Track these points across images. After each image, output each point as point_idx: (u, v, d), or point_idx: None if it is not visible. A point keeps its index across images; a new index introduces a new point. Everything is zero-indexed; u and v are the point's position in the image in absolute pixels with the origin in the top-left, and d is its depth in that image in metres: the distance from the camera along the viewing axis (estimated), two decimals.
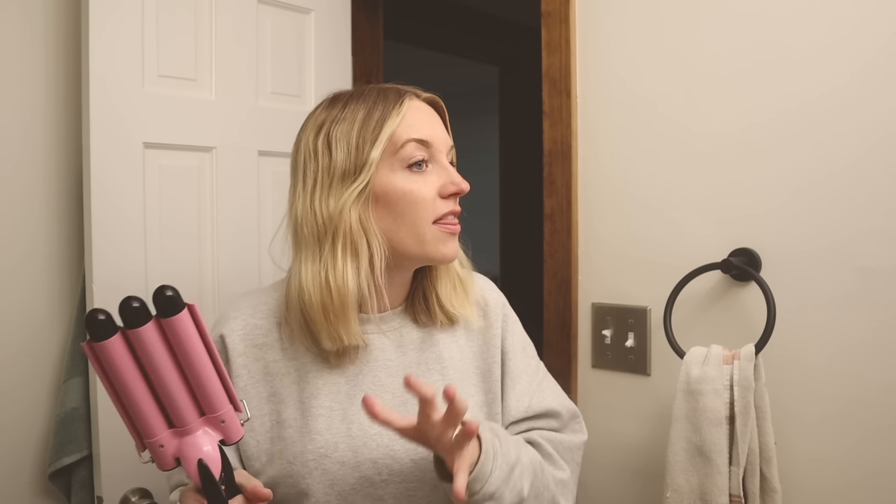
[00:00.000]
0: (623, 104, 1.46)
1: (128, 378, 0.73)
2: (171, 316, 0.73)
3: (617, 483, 1.49)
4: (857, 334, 1.23)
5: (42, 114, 1.40)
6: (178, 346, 0.75)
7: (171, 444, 0.77)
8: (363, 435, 0.93)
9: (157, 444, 0.76)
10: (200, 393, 0.77)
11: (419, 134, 0.93)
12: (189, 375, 0.76)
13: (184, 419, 0.77)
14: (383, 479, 0.93)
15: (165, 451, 0.76)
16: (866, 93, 1.21)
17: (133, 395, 0.74)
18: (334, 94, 0.98)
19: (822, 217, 1.26)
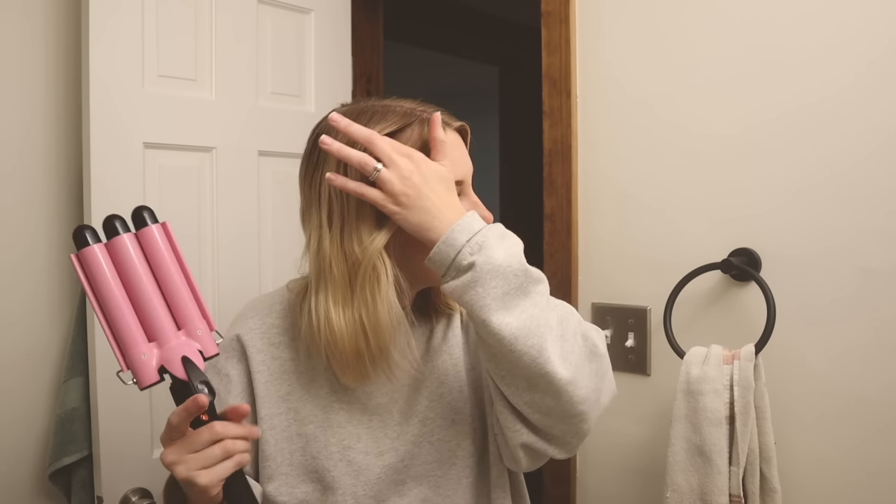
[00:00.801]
0: (623, 104, 1.46)
1: (110, 287, 0.78)
2: (142, 227, 0.82)
3: (617, 483, 1.49)
4: (857, 334, 1.23)
5: (42, 114, 1.40)
6: (151, 259, 0.81)
7: (154, 354, 0.79)
8: (384, 426, 0.95)
9: (139, 354, 0.78)
10: (175, 307, 0.81)
11: (455, 175, 0.89)
12: (164, 289, 0.81)
13: (163, 331, 0.80)
14: (405, 464, 0.94)
15: (148, 362, 0.78)
16: (867, 95, 1.21)
17: (115, 306, 0.78)
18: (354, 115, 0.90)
19: (822, 217, 1.26)
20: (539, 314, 0.80)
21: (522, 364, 0.80)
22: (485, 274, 0.78)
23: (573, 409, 0.84)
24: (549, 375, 0.80)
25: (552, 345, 0.80)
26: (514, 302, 0.79)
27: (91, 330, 1.32)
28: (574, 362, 0.82)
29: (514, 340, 0.79)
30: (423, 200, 0.82)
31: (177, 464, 0.78)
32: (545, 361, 0.80)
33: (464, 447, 0.96)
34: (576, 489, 1.55)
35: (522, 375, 0.82)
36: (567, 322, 0.84)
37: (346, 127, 0.85)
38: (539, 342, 0.79)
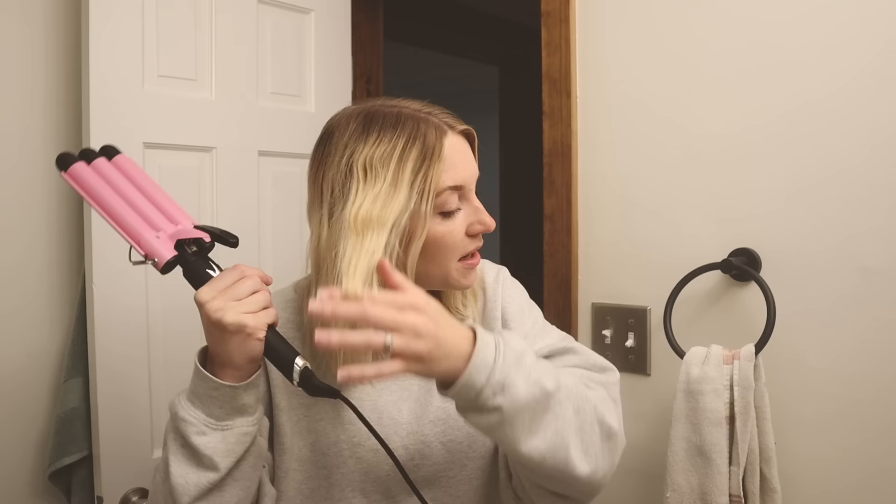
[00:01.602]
0: (623, 104, 1.46)
1: (106, 191, 0.87)
2: (113, 157, 0.91)
3: (616, 483, 1.49)
4: (857, 334, 1.23)
5: (42, 114, 1.40)
6: (131, 178, 0.89)
7: (164, 237, 0.84)
8: (393, 423, 0.95)
9: (152, 236, 0.84)
10: (162, 209, 0.88)
11: (455, 180, 0.89)
12: (151, 198, 0.88)
13: (163, 222, 0.86)
14: (415, 464, 0.94)
15: (163, 239, 0.84)
16: (867, 95, 1.21)
17: (116, 204, 0.86)
18: (363, 117, 0.90)
19: (822, 217, 1.26)
20: (562, 425, 0.79)
21: (549, 473, 0.81)
22: (513, 415, 0.76)
23: (592, 489, 0.87)
24: (573, 475, 0.81)
25: (574, 447, 0.81)
26: (538, 423, 0.78)
27: (91, 330, 1.32)
28: (594, 453, 0.83)
29: (542, 461, 0.79)
30: (443, 348, 0.74)
31: (223, 309, 0.79)
32: (571, 468, 0.80)
33: (475, 449, 0.97)
34: None
35: (547, 477, 0.83)
36: (583, 411, 0.83)
37: (335, 315, 0.72)
38: (565, 454, 0.80)
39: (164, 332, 1.40)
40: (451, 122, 0.93)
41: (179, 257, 0.84)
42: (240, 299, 0.80)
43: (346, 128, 0.90)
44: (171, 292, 1.44)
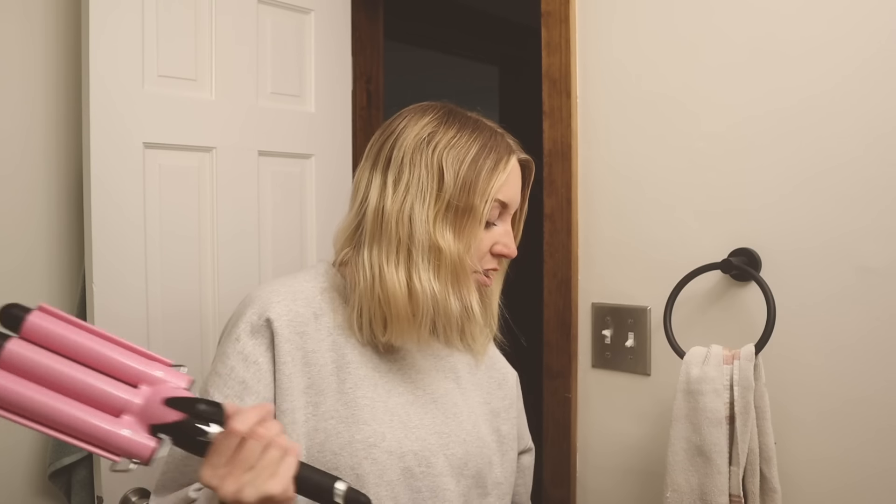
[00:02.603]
0: (623, 104, 1.46)
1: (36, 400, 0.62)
2: (21, 324, 0.66)
3: (617, 483, 1.49)
4: (857, 333, 1.23)
5: (42, 114, 1.40)
6: (55, 346, 0.66)
7: (133, 423, 0.66)
8: (403, 427, 0.95)
9: (119, 435, 0.65)
10: (117, 371, 0.68)
11: (505, 196, 0.97)
12: (92, 364, 0.67)
13: (125, 398, 0.67)
14: (422, 471, 0.94)
15: (133, 435, 0.66)
16: (865, 90, 1.21)
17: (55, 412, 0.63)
18: (447, 109, 0.99)
19: (821, 216, 1.26)
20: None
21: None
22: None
23: None
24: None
25: None
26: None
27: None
28: None
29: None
30: None
31: (242, 489, 0.70)
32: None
33: (471, 467, 1.00)
34: (576, 489, 1.55)
35: None
36: None
37: None
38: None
39: (165, 333, 1.40)
40: (515, 146, 1.01)
41: (163, 439, 0.68)
42: (253, 467, 0.70)
43: (425, 114, 0.98)
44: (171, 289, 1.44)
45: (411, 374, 1.00)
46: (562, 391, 1.53)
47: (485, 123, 1.00)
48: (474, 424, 1.01)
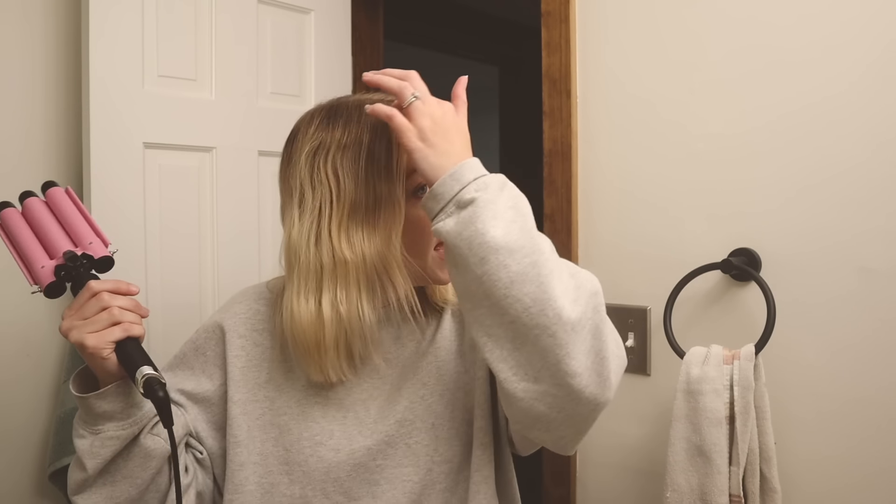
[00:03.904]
0: (623, 104, 1.46)
1: (18, 228, 0.92)
2: (47, 190, 0.97)
3: (617, 483, 1.49)
4: (857, 334, 1.23)
5: (42, 114, 1.40)
6: (54, 208, 0.95)
7: (50, 264, 0.89)
8: (358, 423, 0.94)
9: (39, 266, 0.88)
10: (73, 233, 0.92)
11: None
12: (64, 224, 0.93)
13: (59, 247, 0.90)
14: (378, 465, 0.93)
15: (46, 269, 0.88)
16: (868, 97, 1.21)
17: (21, 239, 0.91)
18: (329, 107, 0.94)
19: (822, 218, 1.26)
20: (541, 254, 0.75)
21: (523, 305, 0.74)
22: (483, 207, 0.76)
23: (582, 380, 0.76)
24: (555, 312, 0.73)
25: (557, 281, 0.74)
26: (515, 227, 0.76)
27: None
28: (583, 304, 0.76)
29: (514, 264, 0.74)
30: (447, 144, 0.81)
31: (70, 329, 0.84)
32: (551, 297, 0.73)
33: (441, 453, 0.94)
34: (576, 489, 1.55)
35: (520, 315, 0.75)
36: (579, 276, 0.79)
37: (386, 72, 0.87)
38: (539, 274, 0.74)
39: (164, 329, 1.40)
40: None
41: (59, 281, 0.88)
42: (86, 318, 0.84)
43: (311, 123, 0.94)
44: (171, 289, 1.44)
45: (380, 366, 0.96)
46: None
47: (365, 104, 0.92)
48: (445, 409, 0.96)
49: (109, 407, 0.86)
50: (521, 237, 0.75)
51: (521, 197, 0.80)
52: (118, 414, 0.87)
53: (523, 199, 0.80)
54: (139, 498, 0.91)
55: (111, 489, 0.89)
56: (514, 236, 0.74)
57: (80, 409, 0.88)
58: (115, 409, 0.86)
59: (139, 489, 0.90)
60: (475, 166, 0.79)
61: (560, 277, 0.75)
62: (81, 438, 0.88)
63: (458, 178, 0.78)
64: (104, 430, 0.87)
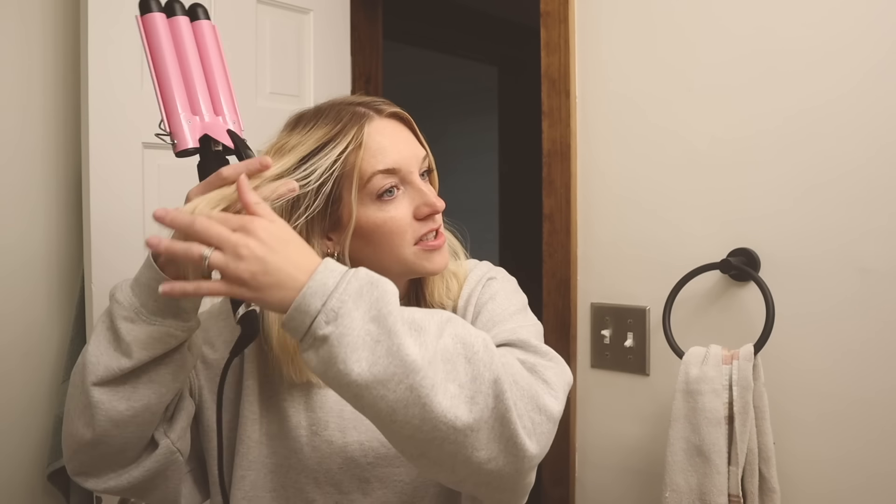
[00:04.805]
0: (623, 104, 1.46)
1: (165, 53, 0.84)
2: (195, 20, 0.88)
3: (616, 483, 1.49)
4: (857, 334, 1.23)
5: (41, 114, 1.40)
6: (201, 48, 0.87)
7: (197, 124, 0.83)
8: (354, 418, 0.94)
9: (184, 119, 0.82)
10: (216, 96, 0.86)
11: (385, 164, 0.88)
12: (208, 78, 0.86)
13: (206, 108, 0.84)
14: (369, 462, 0.93)
15: (192, 128, 0.82)
16: (869, 100, 1.21)
17: (168, 71, 0.83)
18: (297, 116, 0.94)
19: (821, 218, 1.26)
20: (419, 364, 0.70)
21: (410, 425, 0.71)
22: (340, 346, 0.69)
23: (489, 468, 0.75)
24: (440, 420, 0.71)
25: (445, 390, 0.71)
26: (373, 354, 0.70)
27: (90, 330, 1.32)
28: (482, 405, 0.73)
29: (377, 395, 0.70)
30: (272, 275, 0.70)
31: (196, 207, 0.76)
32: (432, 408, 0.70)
33: None
34: (575, 489, 1.55)
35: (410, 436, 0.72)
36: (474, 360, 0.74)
37: (170, 221, 0.74)
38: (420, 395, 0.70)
39: None
40: (379, 107, 0.92)
41: (199, 150, 0.83)
42: (213, 211, 0.76)
43: (278, 134, 0.93)
44: None
45: None
46: None
47: (332, 106, 0.91)
48: None
49: (186, 304, 0.80)
50: (389, 364, 0.68)
51: (383, 298, 0.71)
52: (186, 314, 0.80)
53: (387, 297, 0.71)
54: (154, 408, 0.83)
55: (133, 391, 0.81)
56: (380, 367, 0.68)
57: (147, 292, 0.78)
58: (187, 308, 0.80)
59: (159, 398, 0.83)
60: (319, 287, 0.70)
61: (446, 386, 0.70)
62: (132, 323, 0.79)
63: (305, 310, 0.70)
64: (165, 325, 0.79)
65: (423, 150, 0.94)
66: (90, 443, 0.83)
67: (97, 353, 0.80)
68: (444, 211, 0.94)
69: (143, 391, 0.81)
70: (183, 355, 0.84)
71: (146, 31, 0.84)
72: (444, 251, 0.94)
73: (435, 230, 0.92)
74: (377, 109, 0.91)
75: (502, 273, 1.03)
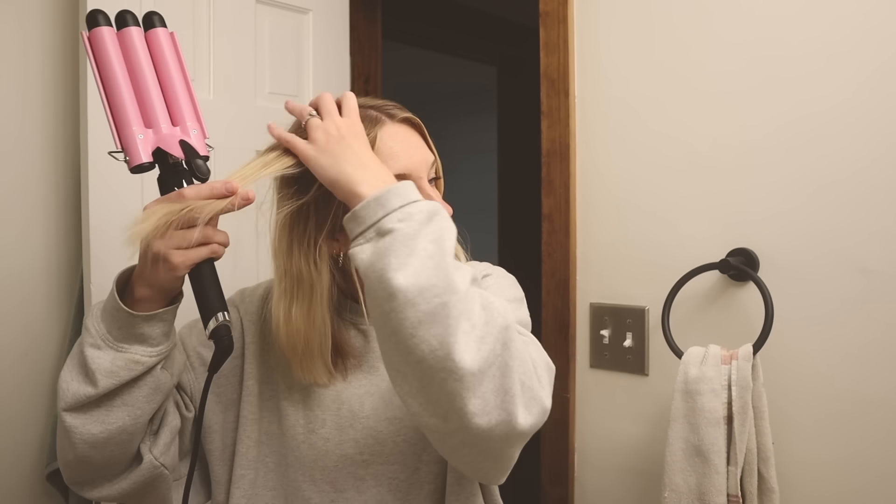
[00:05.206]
0: (622, 104, 1.46)
1: (113, 67, 0.80)
2: (149, 29, 0.84)
3: (615, 483, 1.49)
4: (856, 335, 1.23)
5: (40, 114, 1.40)
6: (156, 57, 0.84)
7: (150, 137, 0.80)
8: (351, 416, 0.95)
9: (135, 133, 0.79)
10: (173, 104, 0.83)
11: (396, 169, 0.89)
12: (164, 87, 0.83)
13: (160, 119, 0.81)
14: (364, 460, 0.94)
15: (144, 141, 0.80)
16: (870, 105, 1.21)
17: (116, 86, 0.80)
18: None
19: (821, 220, 1.26)
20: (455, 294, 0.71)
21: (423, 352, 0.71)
22: (400, 244, 0.72)
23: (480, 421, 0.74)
24: (452, 361, 0.71)
25: (464, 328, 0.71)
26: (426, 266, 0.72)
27: None
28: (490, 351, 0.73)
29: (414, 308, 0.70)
30: (342, 149, 0.80)
31: (153, 243, 0.78)
32: (451, 347, 0.70)
33: (430, 452, 0.95)
34: (574, 489, 1.55)
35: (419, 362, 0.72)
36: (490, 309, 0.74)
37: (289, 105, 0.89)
38: (446, 324, 0.70)
39: None
40: (392, 112, 0.92)
41: (155, 164, 0.81)
42: (175, 231, 0.78)
43: None
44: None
45: (374, 361, 0.98)
46: (560, 391, 1.53)
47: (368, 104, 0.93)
48: None
49: (150, 331, 0.81)
50: (433, 275, 0.70)
51: (447, 229, 0.75)
52: (152, 339, 0.82)
53: (450, 230, 0.76)
54: (130, 429, 0.84)
55: (107, 414, 0.83)
56: (426, 274, 0.70)
57: (113, 320, 0.81)
58: (153, 335, 0.82)
59: (135, 420, 0.84)
60: (403, 192, 0.75)
61: (470, 316, 0.72)
62: (98, 349, 0.81)
63: (383, 204, 0.74)
64: (130, 352, 0.81)
65: (433, 155, 0.95)
66: (74, 462, 0.86)
67: (67, 379, 0.83)
68: None
69: (117, 413, 0.83)
70: (156, 378, 0.85)
71: (92, 48, 0.81)
72: None
73: None
74: (389, 114, 0.92)
75: (501, 271, 1.04)
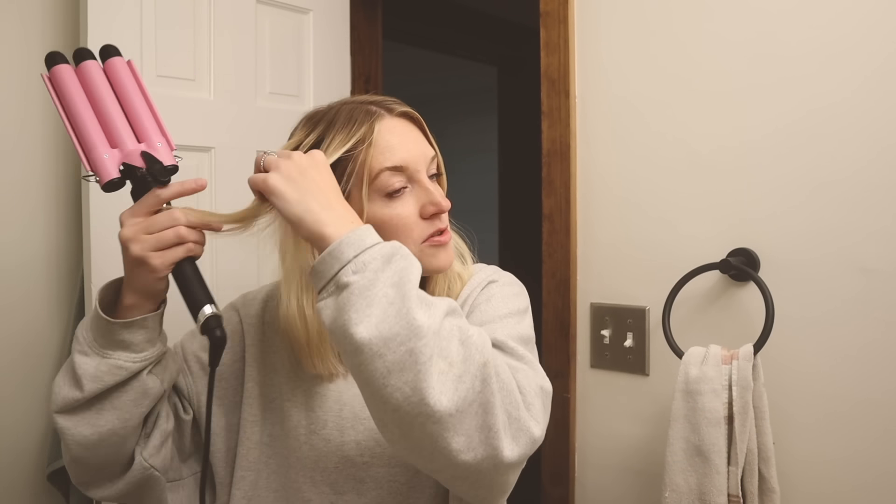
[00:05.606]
0: (622, 104, 1.46)
1: (75, 99, 0.85)
2: (106, 59, 0.89)
3: (616, 483, 1.49)
4: (856, 335, 1.23)
5: (40, 113, 1.40)
6: (115, 84, 0.88)
7: (116, 156, 0.84)
8: (353, 417, 0.95)
9: (101, 154, 0.83)
10: (136, 124, 0.86)
11: (393, 161, 0.89)
12: (126, 110, 0.87)
13: (125, 139, 0.85)
14: (365, 462, 0.94)
15: (110, 160, 0.83)
16: (869, 104, 1.21)
17: (79, 114, 0.85)
18: (309, 115, 0.96)
19: (821, 220, 1.26)
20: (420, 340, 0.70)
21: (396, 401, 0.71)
22: (356, 295, 0.71)
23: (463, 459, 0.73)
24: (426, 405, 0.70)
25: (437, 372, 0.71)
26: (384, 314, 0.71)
27: None
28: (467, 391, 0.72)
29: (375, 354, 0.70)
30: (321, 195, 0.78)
31: (132, 241, 0.80)
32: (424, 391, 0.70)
33: None
34: (574, 489, 1.55)
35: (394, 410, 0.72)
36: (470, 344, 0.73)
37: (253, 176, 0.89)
38: (416, 372, 0.70)
39: None
40: (390, 106, 0.93)
41: (125, 177, 0.83)
42: (151, 232, 0.80)
43: (294, 134, 0.97)
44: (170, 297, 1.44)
45: None
46: (560, 391, 1.53)
47: (345, 106, 0.93)
48: None
49: (131, 338, 0.84)
50: (395, 323, 0.70)
51: (408, 269, 0.74)
52: (135, 346, 0.84)
53: (411, 268, 0.74)
54: (120, 432, 0.87)
55: (96, 416, 0.85)
56: (388, 323, 0.70)
57: (96, 328, 0.84)
58: (134, 341, 0.84)
59: (124, 423, 0.86)
60: (357, 241, 0.74)
61: (446, 354, 0.71)
62: (85, 356, 0.84)
63: (337, 256, 0.73)
64: (114, 358, 0.84)
65: (433, 150, 0.95)
66: (71, 462, 0.90)
67: (60, 383, 0.86)
68: (448, 212, 0.94)
69: (106, 416, 0.86)
70: (143, 383, 0.86)
71: (53, 85, 0.87)
72: (449, 249, 0.95)
73: (441, 230, 0.93)
74: (388, 108, 0.93)
75: (507, 277, 1.02)
